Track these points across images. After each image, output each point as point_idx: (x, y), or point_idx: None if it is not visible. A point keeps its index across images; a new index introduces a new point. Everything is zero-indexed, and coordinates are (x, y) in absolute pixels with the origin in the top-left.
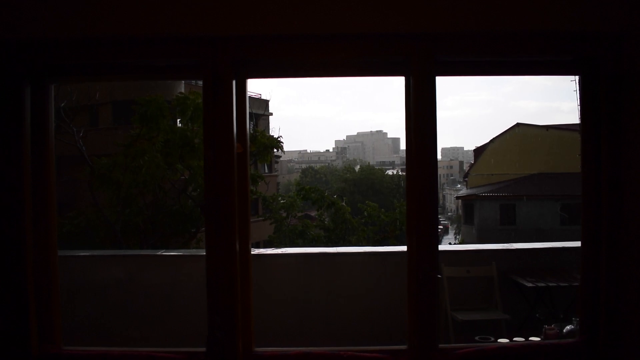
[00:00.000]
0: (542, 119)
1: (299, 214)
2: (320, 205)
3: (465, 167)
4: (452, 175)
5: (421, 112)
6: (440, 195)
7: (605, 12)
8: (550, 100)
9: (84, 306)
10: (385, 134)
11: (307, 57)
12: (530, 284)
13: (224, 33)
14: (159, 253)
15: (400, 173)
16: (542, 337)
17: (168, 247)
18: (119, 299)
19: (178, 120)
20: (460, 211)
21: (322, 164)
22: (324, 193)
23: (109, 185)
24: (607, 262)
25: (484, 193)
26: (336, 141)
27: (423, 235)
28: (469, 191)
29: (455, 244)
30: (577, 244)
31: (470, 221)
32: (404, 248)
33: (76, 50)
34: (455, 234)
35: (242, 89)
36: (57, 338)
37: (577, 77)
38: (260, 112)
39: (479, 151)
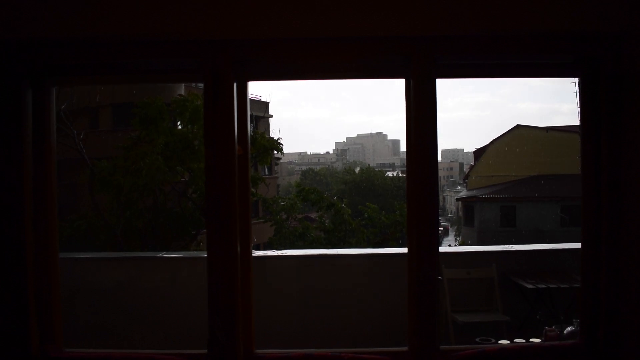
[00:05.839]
0: (542, 121)
1: (299, 216)
2: (320, 206)
3: (466, 168)
4: (452, 177)
5: (421, 114)
6: (441, 197)
7: (605, 12)
8: (550, 102)
9: (85, 308)
10: (385, 135)
11: (308, 60)
12: (530, 286)
13: (224, 34)
14: (160, 255)
15: (400, 175)
16: (542, 338)
17: (168, 250)
18: (120, 301)
19: (178, 122)
20: (460, 213)
21: (322, 166)
22: (322, 194)
23: (109, 188)
24: (607, 262)
25: (484, 195)
26: (336, 143)
27: (423, 237)
28: (469, 193)
29: (455, 245)
30: (578, 245)
31: (471, 223)
32: (404, 250)
33: (76, 50)
34: (455, 235)
35: (243, 91)
36: (57, 338)
37: (577, 79)
38: (260, 114)
39: (479, 153)
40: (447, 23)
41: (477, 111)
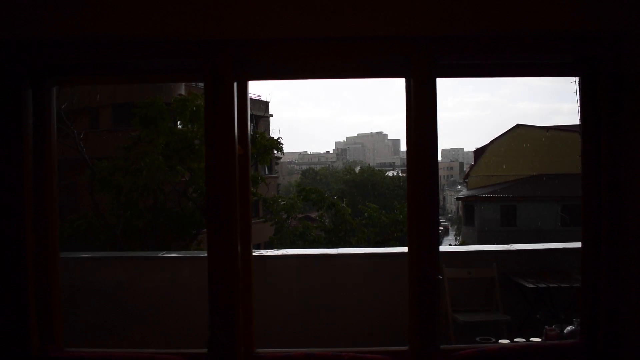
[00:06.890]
0: (542, 121)
1: (299, 216)
2: (321, 206)
3: (466, 168)
4: (452, 177)
5: (422, 114)
6: (441, 197)
7: (605, 12)
8: (550, 102)
9: (85, 308)
10: (386, 135)
11: (308, 60)
12: (531, 285)
13: (224, 34)
14: (160, 255)
15: (400, 174)
16: (543, 337)
17: (169, 250)
18: (120, 301)
19: (178, 122)
20: (460, 212)
21: (323, 166)
22: (324, 194)
23: (109, 188)
24: (607, 262)
25: (485, 194)
26: (336, 142)
27: (424, 236)
28: (470, 192)
29: (455, 245)
30: (578, 244)
31: (471, 222)
32: (404, 249)
33: (76, 50)
34: (455, 235)
35: (243, 90)
36: (57, 338)
37: (577, 78)
38: (261, 113)
39: (479, 152)
40: (447, 23)
41: (477, 111)
